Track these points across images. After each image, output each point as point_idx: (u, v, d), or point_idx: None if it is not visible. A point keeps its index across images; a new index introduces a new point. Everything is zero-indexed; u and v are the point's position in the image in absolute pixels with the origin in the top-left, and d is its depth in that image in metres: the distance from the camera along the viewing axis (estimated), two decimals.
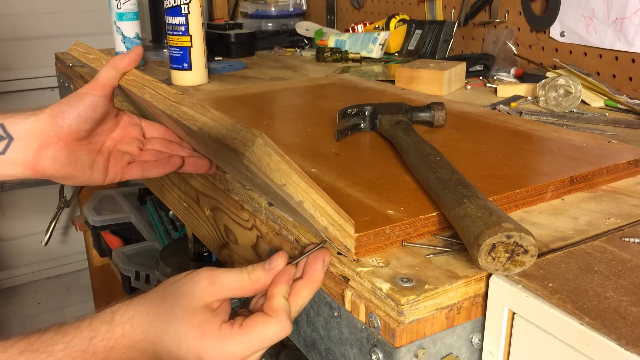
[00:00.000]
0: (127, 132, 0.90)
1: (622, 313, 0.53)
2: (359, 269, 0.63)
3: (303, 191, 0.61)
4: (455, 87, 1.53)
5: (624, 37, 1.41)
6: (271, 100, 1.35)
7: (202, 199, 0.99)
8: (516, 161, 0.91)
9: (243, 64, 1.92)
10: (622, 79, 1.43)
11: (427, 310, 0.60)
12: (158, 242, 2.13)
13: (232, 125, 0.62)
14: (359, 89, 1.44)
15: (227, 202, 0.90)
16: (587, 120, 1.22)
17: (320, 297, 0.69)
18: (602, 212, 0.79)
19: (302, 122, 1.17)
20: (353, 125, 1.05)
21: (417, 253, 0.67)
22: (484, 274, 0.63)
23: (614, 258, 0.63)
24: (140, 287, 1.93)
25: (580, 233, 0.72)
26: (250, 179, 0.70)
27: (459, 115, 1.19)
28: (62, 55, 2.04)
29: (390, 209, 0.73)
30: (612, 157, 0.92)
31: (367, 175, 0.85)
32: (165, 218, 2.19)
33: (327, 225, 0.63)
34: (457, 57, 1.77)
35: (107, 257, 2.28)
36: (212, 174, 0.92)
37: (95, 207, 2.34)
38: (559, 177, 0.83)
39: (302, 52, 2.19)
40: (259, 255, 0.82)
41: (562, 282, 0.58)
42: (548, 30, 1.62)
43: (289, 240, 0.74)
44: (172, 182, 1.12)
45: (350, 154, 0.96)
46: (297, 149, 0.97)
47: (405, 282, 0.61)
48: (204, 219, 1.01)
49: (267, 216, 0.79)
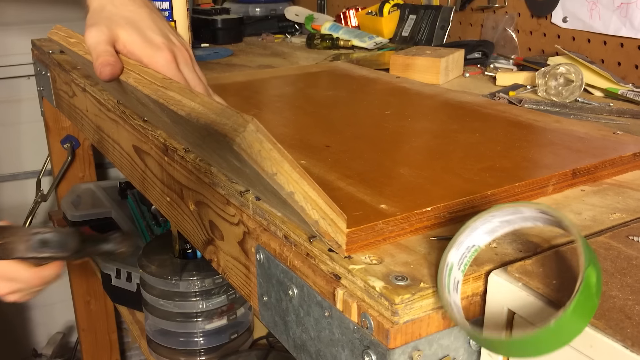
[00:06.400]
0: None
1: (627, 313, 0.52)
2: (351, 266, 0.63)
3: (294, 182, 0.60)
4: (452, 75, 1.52)
5: (629, 22, 1.41)
6: (259, 89, 1.34)
7: (186, 193, 0.99)
8: (516, 153, 0.91)
9: (229, 50, 1.91)
10: (627, 66, 1.43)
11: (422, 310, 0.60)
12: (140, 239, 2.13)
13: (222, 111, 0.62)
14: (352, 77, 1.44)
15: (213, 197, 0.90)
16: (590, 110, 1.22)
17: (310, 296, 0.69)
18: (606, 206, 0.78)
19: (291, 112, 1.17)
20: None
21: (412, 250, 0.67)
22: (482, 272, 0.63)
23: (619, 255, 0.63)
24: (121, 285, 1.92)
25: (583, 229, 0.72)
26: (238, 170, 0.70)
27: (456, 104, 1.18)
28: (40, 42, 2.02)
29: (383, 204, 0.73)
30: (617, 149, 0.92)
31: (360, 168, 0.85)
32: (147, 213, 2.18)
33: (319, 219, 0.63)
34: (454, 44, 1.76)
35: None
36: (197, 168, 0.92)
37: (74, 201, 2.33)
38: (561, 170, 0.83)
39: (291, 39, 2.18)
40: (246, 252, 0.82)
41: (564, 280, 0.58)
42: (550, 15, 1.61)
43: (277, 236, 0.74)
44: (154, 175, 1.12)
45: (342, 145, 0.95)
46: (286, 140, 0.97)
47: (399, 280, 0.60)
48: (188, 214, 1.01)
49: (255, 211, 0.78)
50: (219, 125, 0.60)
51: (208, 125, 0.62)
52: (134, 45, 0.94)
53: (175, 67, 0.95)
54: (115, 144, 1.33)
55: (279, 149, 0.58)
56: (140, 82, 0.80)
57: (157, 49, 0.94)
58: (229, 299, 1.64)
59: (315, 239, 0.67)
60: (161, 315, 1.65)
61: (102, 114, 1.38)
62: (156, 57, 0.94)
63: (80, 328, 2.53)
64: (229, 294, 1.63)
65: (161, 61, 0.94)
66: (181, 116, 0.69)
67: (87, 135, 1.60)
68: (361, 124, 1.07)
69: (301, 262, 0.69)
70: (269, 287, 0.77)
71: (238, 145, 0.57)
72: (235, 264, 0.87)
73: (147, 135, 1.11)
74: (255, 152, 0.57)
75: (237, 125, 0.57)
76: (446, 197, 0.74)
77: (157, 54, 0.94)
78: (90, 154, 2.43)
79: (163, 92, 0.74)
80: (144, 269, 1.67)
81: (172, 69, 0.94)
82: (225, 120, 0.59)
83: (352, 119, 1.11)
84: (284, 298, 0.74)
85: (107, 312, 2.56)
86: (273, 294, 0.76)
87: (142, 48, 0.94)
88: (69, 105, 1.69)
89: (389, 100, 1.26)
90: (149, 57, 0.94)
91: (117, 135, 1.31)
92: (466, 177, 0.82)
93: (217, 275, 1.58)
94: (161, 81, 0.77)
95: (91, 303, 2.52)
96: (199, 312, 1.62)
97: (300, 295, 0.70)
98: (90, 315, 2.52)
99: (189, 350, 1.66)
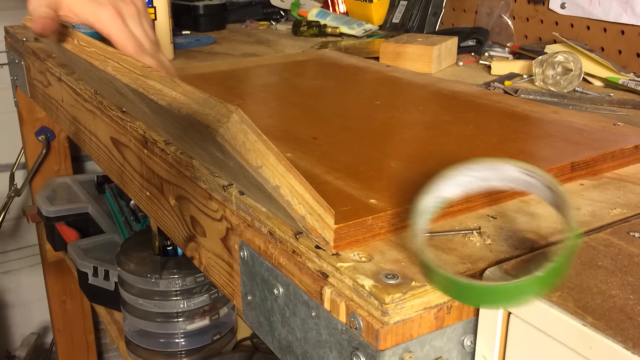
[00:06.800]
0: None
1: (628, 313, 0.52)
2: (339, 264, 0.63)
3: (280, 175, 0.60)
4: (445, 64, 1.52)
5: (630, 8, 1.41)
6: (242, 79, 1.34)
7: (167, 187, 0.99)
8: (512, 145, 0.91)
9: (212, 38, 1.91)
10: (628, 55, 1.44)
11: (414, 309, 0.59)
12: (118, 235, 2.12)
13: (204, 100, 0.61)
14: (340, 66, 1.44)
15: (194, 191, 0.89)
16: (590, 101, 1.22)
17: (296, 295, 0.68)
18: (606, 201, 0.78)
19: (276, 102, 1.16)
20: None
21: (403, 247, 0.67)
22: (476, 270, 0.62)
23: (620, 252, 0.63)
24: (98, 284, 1.92)
25: (582, 225, 0.72)
26: (222, 163, 0.70)
27: (449, 94, 1.18)
28: (13, 29, 2.01)
29: (373, 198, 0.72)
30: (617, 141, 0.92)
31: (348, 161, 0.85)
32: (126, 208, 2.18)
33: (305, 214, 0.63)
34: (447, 32, 1.76)
35: (62, 251, 2.26)
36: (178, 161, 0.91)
37: (49, 196, 2.32)
38: (558, 163, 0.83)
39: (277, 26, 2.17)
40: (229, 249, 0.82)
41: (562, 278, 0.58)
42: (547, 1, 1.62)
43: (261, 232, 0.74)
44: (133, 168, 1.11)
45: (329, 137, 0.95)
46: (271, 132, 0.97)
47: (390, 278, 0.60)
48: (168, 210, 1.00)
49: (238, 206, 0.78)
50: (202, 116, 0.59)
51: (190, 116, 0.61)
52: (77, 6, 0.98)
53: (121, 22, 0.99)
54: (92, 135, 1.33)
55: (264, 140, 0.58)
56: (119, 71, 0.79)
57: (100, 5, 0.98)
58: (211, 299, 1.64)
59: (301, 236, 0.67)
60: (140, 315, 1.64)
61: (78, 105, 1.37)
62: (99, 14, 0.98)
63: (56, 329, 2.52)
64: (212, 293, 1.63)
65: (105, 17, 0.98)
66: (162, 106, 0.68)
67: (63, 127, 1.60)
68: (350, 115, 1.07)
69: (287, 260, 0.69)
70: (253, 285, 0.77)
71: (221, 136, 0.56)
72: (218, 262, 0.86)
73: (125, 126, 1.10)
74: (240, 143, 0.57)
75: (221, 116, 0.57)
76: None
77: (100, 10, 0.98)
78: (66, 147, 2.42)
79: (143, 81, 0.74)
80: (122, 266, 1.66)
81: (118, 25, 0.98)
82: (208, 111, 0.59)
83: (340, 109, 1.11)
84: (268, 297, 0.73)
85: (84, 312, 2.55)
86: (257, 293, 0.76)
87: (85, 6, 0.98)
88: (44, 95, 1.68)
89: (378, 90, 1.25)
90: (93, 15, 0.98)
91: (94, 127, 1.30)
92: None
93: (198, 273, 1.58)
94: (141, 69, 0.76)
95: (67, 302, 2.51)
96: (179, 312, 1.61)
97: (285, 294, 0.70)
98: (66, 315, 2.51)
99: (169, 351, 1.66)
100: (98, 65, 0.82)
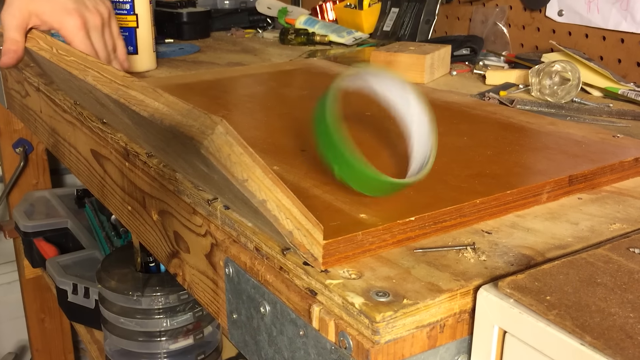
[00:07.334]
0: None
1: (628, 331, 0.52)
2: (328, 281, 0.63)
3: (267, 189, 0.60)
4: (438, 73, 1.53)
5: (630, 16, 1.41)
6: (228, 89, 1.34)
7: (149, 201, 0.98)
8: (507, 158, 0.91)
9: (196, 47, 1.91)
10: (628, 64, 1.44)
11: (405, 328, 0.59)
12: (99, 251, 2.12)
13: (188, 112, 0.61)
14: (329, 75, 1.44)
15: (178, 205, 0.89)
16: (588, 112, 1.22)
17: (283, 313, 0.68)
18: (605, 216, 0.78)
19: (263, 113, 1.16)
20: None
21: (394, 263, 0.67)
22: (470, 288, 0.62)
23: (620, 269, 0.63)
24: (78, 302, 1.91)
25: (580, 240, 0.72)
26: (206, 176, 0.69)
27: (443, 105, 1.18)
28: None
29: (363, 213, 0.72)
30: (617, 154, 0.92)
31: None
32: (106, 223, 2.17)
33: (293, 229, 0.62)
34: (440, 40, 1.77)
35: (41, 267, 2.26)
36: (160, 174, 0.91)
37: (27, 210, 2.32)
38: (556, 177, 0.83)
39: (263, 34, 2.18)
40: (214, 266, 0.81)
41: (560, 296, 0.58)
42: (544, 8, 1.62)
43: (247, 248, 0.74)
44: (114, 182, 1.11)
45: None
46: (258, 144, 0.97)
47: (380, 296, 0.60)
48: (150, 224, 1.00)
49: (224, 221, 0.78)
50: (185, 127, 0.59)
51: (173, 127, 0.61)
52: (45, 14, 1.06)
53: (84, 33, 1.07)
54: (72, 148, 1.32)
55: (250, 153, 0.58)
56: (99, 81, 0.79)
57: (68, 13, 1.06)
58: (195, 317, 1.63)
59: (289, 252, 0.67)
60: (122, 334, 1.64)
61: (57, 116, 1.37)
62: (65, 23, 1.06)
63: (34, 348, 2.51)
64: (196, 311, 1.63)
65: (70, 26, 1.06)
66: (144, 117, 0.68)
67: (41, 139, 1.59)
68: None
69: (274, 277, 0.69)
70: (238, 303, 0.76)
71: (206, 148, 0.56)
72: (202, 279, 0.86)
73: (106, 138, 1.10)
74: (225, 156, 0.57)
75: (205, 127, 0.57)
76: (431, 206, 0.74)
77: (66, 19, 1.06)
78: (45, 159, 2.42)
79: (124, 91, 0.74)
80: (103, 283, 1.66)
81: (81, 36, 1.06)
82: (192, 122, 0.59)
83: None
84: (255, 315, 0.73)
85: (63, 331, 2.54)
86: (243, 311, 0.76)
87: (53, 15, 1.06)
88: (22, 106, 1.68)
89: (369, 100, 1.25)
90: (59, 23, 1.06)
91: (73, 139, 1.30)
92: (453, 184, 0.82)
93: (182, 290, 1.58)
94: (122, 79, 0.76)
95: (46, 321, 2.50)
96: (162, 330, 1.61)
97: (272, 312, 0.70)
98: (44, 334, 2.50)
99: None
100: (78, 75, 0.82)
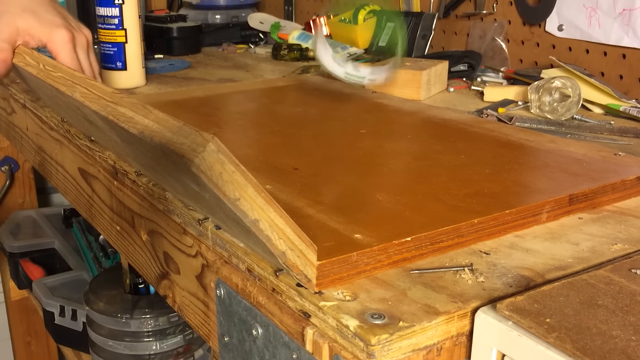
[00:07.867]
0: None
1: (630, 355, 0.52)
2: (322, 303, 0.63)
3: (259, 208, 0.60)
4: (435, 90, 1.53)
5: (632, 31, 1.42)
6: (219, 106, 1.34)
7: (138, 221, 0.98)
8: (506, 177, 0.91)
9: (187, 62, 1.91)
10: (630, 80, 1.44)
11: (401, 351, 0.59)
12: (86, 272, 2.11)
13: (179, 129, 0.61)
14: (323, 91, 1.44)
15: (167, 225, 0.89)
16: (589, 129, 1.22)
17: (276, 336, 0.68)
18: (607, 236, 0.79)
19: (255, 130, 1.16)
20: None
21: (389, 284, 0.67)
22: (468, 310, 0.62)
23: (621, 290, 0.63)
24: (65, 324, 1.91)
25: (581, 261, 0.72)
26: (197, 195, 0.70)
27: (440, 122, 1.19)
28: None
29: (358, 233, 0.72)
30: (618, 172, 0.92)
31: (331, 193, 0.85)
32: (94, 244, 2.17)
33: (286, 249, 0.63)
34: (437, 55, 1.77)
35: (27, 289, 2.25)
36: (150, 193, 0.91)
37: (13, 230, 2.32)
38: (556, 196, 0.83)
39: (255, 49, 2.18)
40: (205, 287, 0.81)
41: (560, 318, 0.58)
42: (544, 23, 1.63)
43: (239, 269, 0.74)
44: (102, 201, 1.11)
45: (311, 168, 0.95)
46: (250, 162, 0.97)
47: (376, 318, 0.60)
48: (140, 245, 1.00)
49: (215, 241, 0.78)
50: (176, 145, 0.59)
51: (163, 145, 0.61)
52: (32, 28, 1.08)
53: (72, 47, 1.10)
54: (59, 166, 1.32)
55: (243, 171, 0.58)
56: (87, 97, 0.79)
57: (56, 27, 1.09)
58: (185, 340, 1.63)
59: (282, 273, 0.67)
60: (110, 358, 1.63)
61: (44, 133, 1.37)
62: (53, 35, 1.09)
63: None
64: (186, 334, 1.62)
65: (58, 39, 1.09)
66: (133, 135, 0.68)
67: (28, 157, 1.59)
68: (333, 144, 1.07)
69: (266, 299, 0.69)
70: (230, 326, 0.76)
71: (197, 166, 0.56)
72: (193, 301, 0.86)
73: (94, 156, 1.10)
74: (216, 174, 0.57)
75: (196, 145, 0.57)
76: (428, 226, 0.74)
77: (55, 31, 1.09)
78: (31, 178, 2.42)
79: (113, 107, 0.74)
80: (90, 305, 1.65)
81: (68, 49, 1.09)
82: (182, 139, 0.59)
83: (323, 138, 1.11)
84: (247, 338, 0.73)
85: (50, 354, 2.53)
86: (235, 333, 0.76)
87: (40, 28, 1.08)
88: (7, 123, 1.68)
89: (364, 117, 1.26)
90: (47, 35, 1.09)
91: (60, 157, 1.30)
92: (450, 204, 0.82)
93: (172, 313, 1.58)
94: (110, 96, 0.76)
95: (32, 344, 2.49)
96: (152, 354, 1.60)
97: (265, 335, 0.70)
98: (30, 357, 2.49)
99: None
100: (65, 91, 0.82)
